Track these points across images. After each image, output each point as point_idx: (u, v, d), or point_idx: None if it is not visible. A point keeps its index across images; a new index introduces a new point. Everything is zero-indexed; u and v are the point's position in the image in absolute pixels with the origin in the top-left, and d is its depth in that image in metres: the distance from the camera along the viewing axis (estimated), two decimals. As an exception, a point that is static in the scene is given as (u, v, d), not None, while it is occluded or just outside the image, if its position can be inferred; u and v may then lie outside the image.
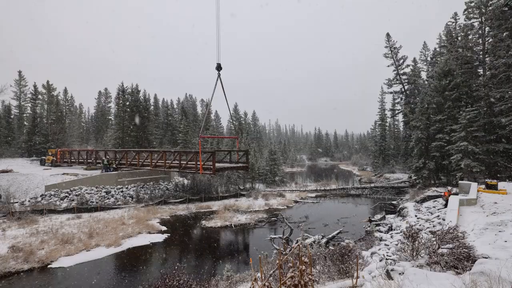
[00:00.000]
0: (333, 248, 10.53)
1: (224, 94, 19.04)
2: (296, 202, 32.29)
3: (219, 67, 17.82)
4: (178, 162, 24.65)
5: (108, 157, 32.13)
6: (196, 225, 23.27)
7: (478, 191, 18.50)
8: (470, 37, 31.16)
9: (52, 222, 21.07)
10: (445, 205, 18.39)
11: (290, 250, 6.09)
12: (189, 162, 23.95)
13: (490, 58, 28.80)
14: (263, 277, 4.61)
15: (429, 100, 31.81)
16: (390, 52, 43.94)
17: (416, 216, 19.37)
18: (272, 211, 27.67)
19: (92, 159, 34.02)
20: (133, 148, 39.74)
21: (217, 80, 18.17)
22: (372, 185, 39.90)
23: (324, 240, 17.59)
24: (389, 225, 20.33)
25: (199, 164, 22.04)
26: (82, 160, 35.08)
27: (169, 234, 20.27)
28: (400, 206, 24.21)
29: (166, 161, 25.71)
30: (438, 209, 19.28)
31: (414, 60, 44.23)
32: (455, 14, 36.17)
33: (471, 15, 30.40)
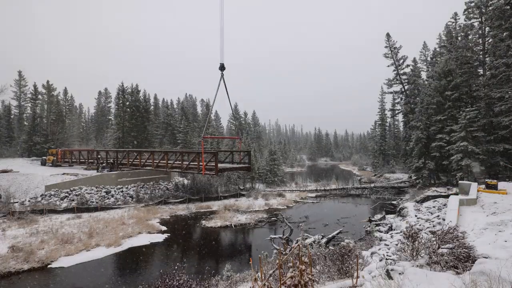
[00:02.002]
0: (333, 248, 10.53)
1: (227, 94, 19.05)
2: (296, 202, 32.27)
3: (222, 67, 17.82)
4: (180, 162, 24.60)
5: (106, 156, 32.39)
6: (196, 225, 23.27)
7: (478, 191, 18.50)
8: (470, 37, 31.17)
9: (52, 222, 21.07)
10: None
11: (290, 250, 6.10)
12: (191, 163, 23.89)
13: (490, 58, 28.79)
14: (263, 277, 4.61)
15: (429, 100, 31.79)
16: (390, 52, 43.95)
17: (416, 216, 19.38)
18: (272, 211, 27.66)
19: (93, 159, 34.07)
20: (133, 148, 39.78)
21: (220, 80, 18.16)
22: (372, 185, 39.87)
23: (324, 240, 17.58)
24: (389, 225, 20.32)
25: (201, 165, 21.98)
26: (83, 160, 35.14)
27: (169, 234, 20.27)
28: (400, 206, 24.20)
29: (168, 162, 25.68)
30: (438, 209, 19.29)
31: (414, 60, 44.24)
32: (455, 14, 36.17)
33: (471, 15, 30.42)
